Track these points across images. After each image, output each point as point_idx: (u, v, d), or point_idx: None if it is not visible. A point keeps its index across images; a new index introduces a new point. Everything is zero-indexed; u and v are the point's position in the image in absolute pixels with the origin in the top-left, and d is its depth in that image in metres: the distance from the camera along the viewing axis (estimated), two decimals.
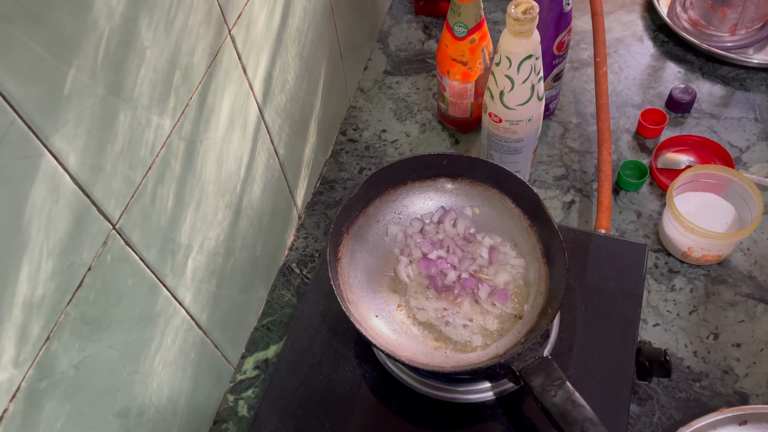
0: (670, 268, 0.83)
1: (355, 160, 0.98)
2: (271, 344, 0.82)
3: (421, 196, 0.73)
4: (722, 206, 0.83)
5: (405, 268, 0.70)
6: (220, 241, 0.70)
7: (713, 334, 0.78)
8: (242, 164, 0.71)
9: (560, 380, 0.58)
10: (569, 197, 0.90)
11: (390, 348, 0.63)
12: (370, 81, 1.07)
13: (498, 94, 0.77)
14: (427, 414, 0.67)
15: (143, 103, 0.52)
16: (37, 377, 0.47)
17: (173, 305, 0.63)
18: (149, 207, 0.56)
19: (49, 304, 0.46)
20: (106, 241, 0.51)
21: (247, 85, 0.69)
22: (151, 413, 0.63)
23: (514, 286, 0.69)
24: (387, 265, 0.72)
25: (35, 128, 0.42)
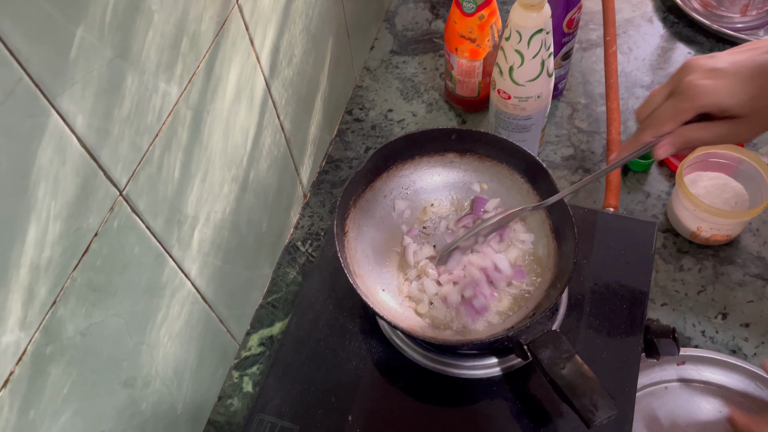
0: (678, 248, 0.83)
1: (361, 139, 0.97)
2: (276, 321, 0.82)
3: (429, 171, 0.72)
4: (732, 186, 0.82)
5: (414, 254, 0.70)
6: (226, 215, 0.69)
7: (722, 314, 0.77)
8: (249, 137, 0.71)
9: (568, 353, 0.58)
10: (577, 177, 0.90)
11: (396, 321, 0.62)
12: (376, 60, 1.06)
13: (507, 69, 0.76)
14: (434, 390, 0.67)
15: (150, 68, 0.52)
16: (44, 341, 0.46)
17: (179, 277, 0.63)
18: (156, 175, 0.55)
19: (56, 268, 0.46)
20: (113, 207, 0.51)
21: (254, 57, 0.68)
22: (157, 385, 0.63)
23: (522, 262, 0.68)
24: (394, 240, 0.71)
25: (43, 87, 0.41)
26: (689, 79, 0.52)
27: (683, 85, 0.53)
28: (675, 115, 0.53)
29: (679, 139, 0.55)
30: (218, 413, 0.75)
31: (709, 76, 0.51)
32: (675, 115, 0.53)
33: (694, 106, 0.52)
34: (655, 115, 0.55)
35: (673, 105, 0.53)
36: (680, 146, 0.55)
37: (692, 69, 0.53)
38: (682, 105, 0.53)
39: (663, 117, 0.54)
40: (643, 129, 0.56)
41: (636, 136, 0.57)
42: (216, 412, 0.75)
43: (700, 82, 0.51)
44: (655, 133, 0.55)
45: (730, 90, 0.51)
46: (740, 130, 0.53)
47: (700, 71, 0.52)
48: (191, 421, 0.71)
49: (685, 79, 0.53)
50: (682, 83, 0.53)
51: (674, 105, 0.53)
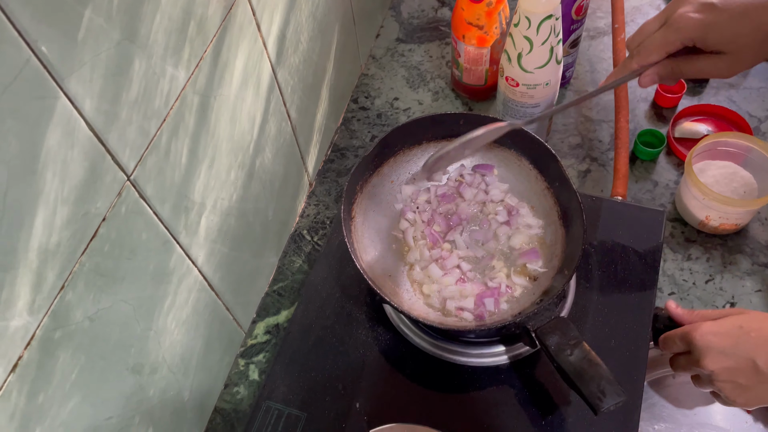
0: (686, 237, 0.82)
1: (366, 128, 0.97)
2: (282, 309, 0.82)
3: None
4: (741, 175, 0.82)
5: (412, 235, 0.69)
6: (232, 202, 0.69)
7: (730, 304, 0.77)
8: (255, 124, 0.70)
9: (576, 339, 0.58)
10: (585, 166, 0.89)
11: (403, 307, 0.62)
12: (382, 49, 1.05)
13: (516, 56, 0.75)
14: (441, 377, 0.67)
15: (158, 52, 0.51)
16: (52, 326, 0.46)
17: (186, 263, 0.62)
18: (163, 160, 0.55)
19: (64, 252, 0.46)
20: (121, 192, 0.50)
21: (261, 43, 0.67)
22: (164, 372, 0.63)
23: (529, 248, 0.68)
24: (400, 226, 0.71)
25: (51, 68, 0.41)
26: (681, 11, 0.54)
27: (674, 17, 0.54)
28: (662, 45, 0.55)
29: (664, 69, 0.57)
30: (224, 401, 0.75)
31: (700, 10, 0.53)
32: (663, 44, 0.55)
33: (682, 37, 0.54)
34: (643, 44, 0.57)
35: (661, 35, 0.55)
36: (665, 76, 0.57)
37: (685, 1, 0.54)
38: (670, 36, 0.54)
39: (651, 46, 0.56)
40: (631, 57, 0.58)
41: (624, 63, 0.59)
42: (222, 400, 0.75)
43: (691, 15, 0.53)
44: (641, 60, 0.57)
45: (719, 25, 0.53)
46: (721, 65, 0.55)
47: (692, 4, 0.54)
48: (198, 408, 0.71)
49: (677, 10, 0.54)
50: (674, 15, 0.54)
51: (663, 35, 0.55)
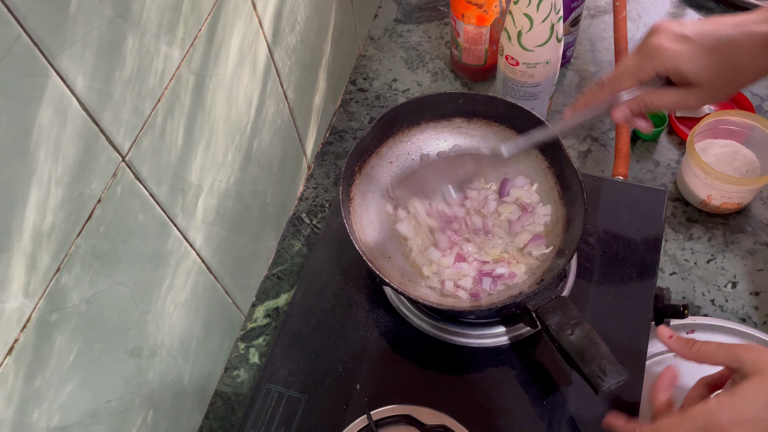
0: (688, 217, 0.82)
1: (365, 109, 0.96)
2: (282, 293, 0.81)
3: (436, 137, 0.71)
4: (743, 154, 0.81)
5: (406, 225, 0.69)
6: (230, 185, 0.68)
7: (731, 283, 0.77)
8: (252, 105, 0.69)
9: (577, 319, 0.57)
10: (585, 146, 0.88)
11: (403, 288, 0.62)
12: (380, 29, 1.04)
13: (516, 34, 0.74)
14: (442, 358, 0.67)
15: (151, 30, 0.50)
16: (48, 309, 0.46)
17: (184, 246, 0.62)
18: (159, 141, 0.54)
19: (59, 234, 0.45)
20: (116, 173, 0.50)
21: (257, 22, 0.66)
22: (164, 355, 0.62)
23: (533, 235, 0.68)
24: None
25: (41, 45, 0.40)
26: (655, 40, 0.54)
27: (648, 46, 0.54)
28: (635, 73, 0.55)
29: (635, 103, 0.56)
30: (225, 384, 0.75)
31: (674, 40, 0.53)
32: (635, 72, 0.55)
33: (654, 65, 0.54)
34: (616, 73, 0.56)
35: (634, 63, 0.55)
36: (636, 110, 0.56)
37: (660, 31, 0.54)
38: (644, 63, 0.54)
39: (624, 74, 0.56)
40: (603, 85, 0.57)
41: (595, 91, 0.58)
42: (223, 383, 0.75)
43: (664, 44, 0.53)
44: (613, 89, 0.56)
45: (690, 57, 0.52)
46: (691, 98, 0.54)
47: (666, 34, 0.53)
48: (198, 392, 0.71)
49: (651, 39, 0.54)
50: (647, 43, 0.54)
51: (636, 63, 0.55)
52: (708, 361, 0.53)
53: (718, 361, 0.52)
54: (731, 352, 0.51)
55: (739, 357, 0.50)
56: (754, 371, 0.49)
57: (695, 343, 0.54)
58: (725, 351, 0.52)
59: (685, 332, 0.73)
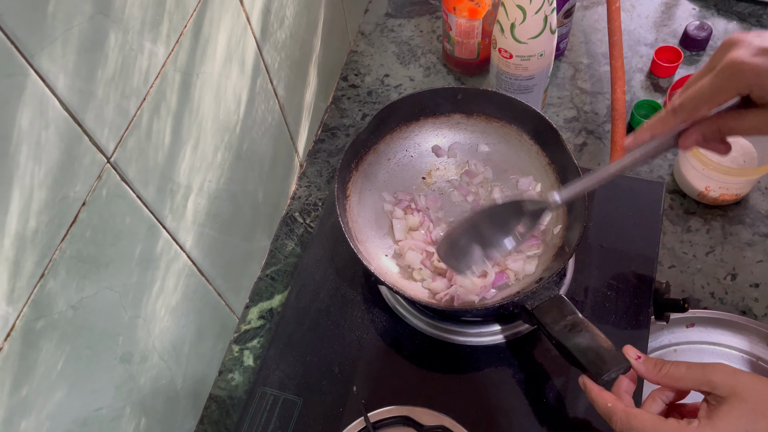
0: (686, 209, 0.81)
1: (357, 106, 0.95)
2: (276, 294, 0.80)
3: (434, 133, 0.70)
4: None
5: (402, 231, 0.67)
6: (220, 185, 0.67)
7: (731, 275, 0.76)
8: (241, 103, 0.68)
9: (573, 314, 0.56)
10: (581, 139, 0.87)
11: (399, 287, 0.61)
12: (371, 24, 1.02)
13: (509, 26, 0.73)
14: (439, 357, 0.66)
15: (135, 27, 0.49)
16: (33, 316, 0.44)
17: (174, 248, 0.60)
18: (145, 141, 0.53)
19: (43, 239, 0.44)
20: (101, 174, 0.48)
21: (245, 18, 0.65)
22: (155, 360, 0.61)
23: None
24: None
25: (18, 43, 0.39)
26: (733, 55, 0.45)
27: (726, 62, 0.45)
28: (713, 96, 0.46)
29: (709, 128, 0.48)
30: (219, 387, 0.74)
31: (758, 53, 0.44)
32: (713, 95, 0.46)
33: (737, 85, 0.45)
34: (690, 96, 0.47)
35: (711, 83, 0.46)
36: (710, 136, 0.48)
37: (737, 44, 0.45)
38: (722, 83, 0.45)
39: (699, 97, 0.47)
40: (675, 111, 0.48)
41: (665, 119, 0.49)
42: (217, 387, 0.74)
43: (747, 60, 0.44)
44: (689, 116, 0.48)
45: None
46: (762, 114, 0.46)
47: (747, 48, 0.45)
48: (192, 396, 0.70)
49: (728, 55, 0.45)
50: (725, 60, 0.45)
51: (713, 83, 0.46)
52: (678, 385, 0.50)
53: (689, 384, 0.49)
54: (703, 375, 0.48)
55: (712, 380, 0.48)
56: (731, 393, 0.46)
57: (663, 365, 0.51)
58: (696, 374, 0.49)
59: (685, 326, 0.72)
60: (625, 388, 0.53)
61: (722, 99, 0.46)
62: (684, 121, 0.48)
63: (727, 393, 0.47)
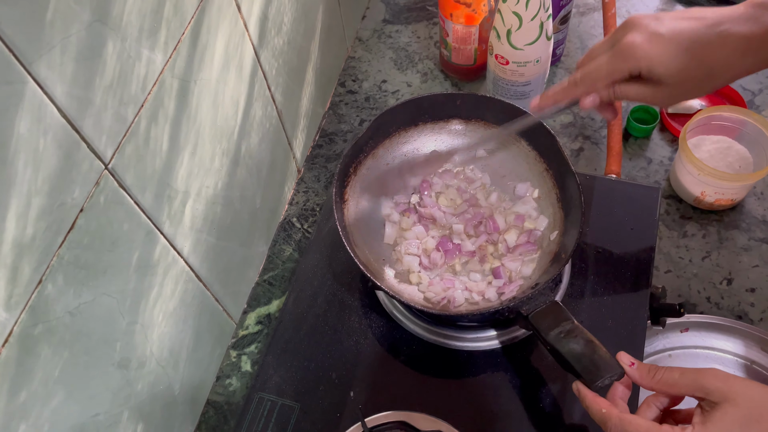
0: (681, 214, 0.81)
1: (355, 111, 0.95)
2: (274, 299, 0.80)
3: (433, 139, 0.70)
4: (736, 150, 0.81)
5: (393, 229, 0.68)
6: (218, 190, 0.67)
7: (727, 280, 0.76)
8: (239, 109, 0.68)
9: (568, 320, 0.56)
10: (577, 144, 0.88)
11: (396, 292, 0.61)
12: (368, 30, 1.03)
13: (505, 33, 0.73)
14: (436, 363, 0.66)
15: (132, 34, 0.49)
16: (31, 322, 0.45)
17: (171, 254, 0.61)
18: (143, 148, 0.53)
19: (41, 245, 0.44)
20: (99, 181, 0.49)
21: (242, 24, 0.65)
22: (152, 366, 0.61)
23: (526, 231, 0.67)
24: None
25: (17, 51, 0.39)
26: (630, 39, 0.52)
27: (623, 44, 0.53)
28: (609, 74, 0.54)
29: (605, 93, 0.56)
30: (217, 393, 0.74)
31: (649, 39, 0.51)
32: (609, 73, 0.54)
33: (629, 66, 0.53)
34: (589, 71, 0.56)
35: (609, 63, 0.54)
36: (605, 100, 0.57)
37: (634, 27, 0.53)
38: (618, 64, 0.53)
39: (597, 74, 0.55)
40: (576, 84, 0.57)
41: (568, 88, 0.58)
42: (214, 392, 0.74)
43: (639, 44, 0.52)
44: (587, 89, 0.56)
45: (664, 58, 0.51)
46: (662, 95, 0.54)
47: (641, 32, 0.52)
48: (189, 402, 0.70)
49: (626, 37, 0.53)
50: (623, 41, 0.53)
51: (610, 63, 0.54)
52: (672, 391, 0.51)
53: (682, 390, 0.50)
54: (696, 381, 0.49)
55: (705, 386, 0.48)
56: (724, 399, 0.47)
57: (657, 371, 0.51)
58: (689, 379, 0.49)
59: (679, 330, 0.72)
60: (620, 394, 0.53)
61: (617, 77, 0.54)
62: (584, 93, 0.57)
63: (720, 398, 0.47)
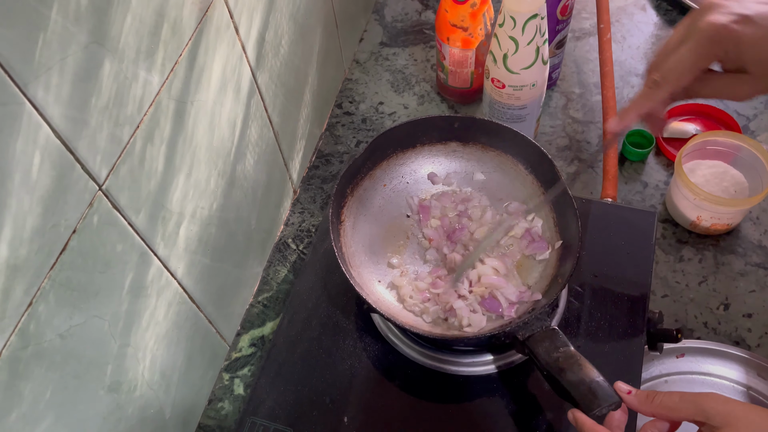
0: (678, 238, 0.81)
1: (351, 133, 0.95)
2: (268, 321, 0.79)
3: (431, 161, 0.70)
4: (731, 174, 0.81)
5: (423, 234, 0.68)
6: (213, 211, 0.67)
7: (723, 305, 0.76)
8: (236, 130, 0.68)
9: (566, 346, 0.56)
10: (573, 168, 0.88)
11: (392, 314, 0.60)
12: (365, 53, 1.03)
13: (501, 57, 0.74)
14: (432, 387, 0.65)
15: (129, 56, 0.49)
16: (20, 345, 0.44)
17: (165, 276, 0.60)
18: (138, 169, 0.53)
19: (32, 267, 0.43)
20: (92, 202, 0.48)
21: (240, 47, 0.65)
22: (144, 389, 0.60)
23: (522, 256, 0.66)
24: (392, 231, 0.69)
25: (12, 73, 0.39)
26: (710, 19, 0.43)
27: (703, 26, 0.43)
28: (696, 63, 0.45)
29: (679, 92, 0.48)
30: (208, 417, 0.73)
31: (736, 21, 0.43)
32: (696, 62, 0.44)
33: (717, 51, 0.44)
34: (671, 67, 0.46)
35: (693, 50, 0.44)
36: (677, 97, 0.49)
37: (715, 8, 0.43)
38: (703, 48, 0.44)
39: (681, 65, 0.45)
40: (658, 85, 0.47)
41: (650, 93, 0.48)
42: (206, 416, 0.73)
43: (725, 24, 0.43)
44: (673, 87, 0.46)
45: (754, 42, 0.43)
46: (744, 88, 0.46)
47: (723, 13, 0.43)
48: (180, 426, 0.69)
49: (705, 18, 0.43)
50: (703, 25, 0.43)
51: (695, 50, 0.44)
52: (672, 415, 0.50)
53: (682, 414, 0.49)
54: (696, 404, 0.48)
55: (706, 409, 0.47)
56: (725, 423, 0.46)
57: (656, 396, 0.50)
58: (689, 403, 0.49)
59: (675, 356, 0.72)
60: (616, 422, 0.53)
61: (704, 64, 0.45)
62: (669, 93, 0.47)
63: (720, 423, 0.47)
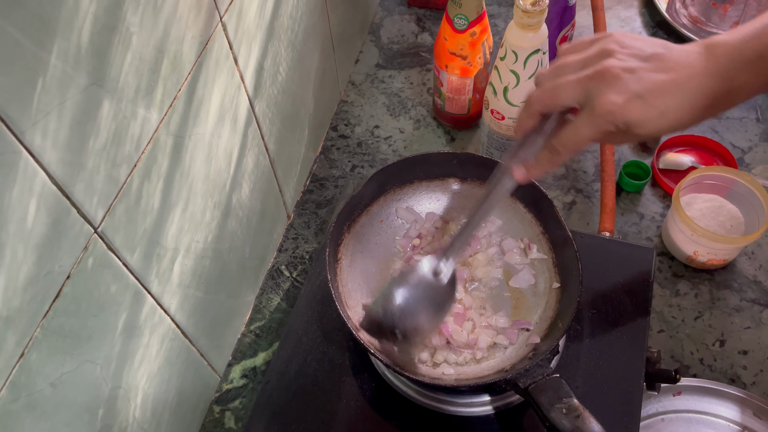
0: (674, 272, 0.81)
1: (346, 156, 0.94)
2: (260, 351, 0.78)
3: (428, 197, 0.69)
4: (727, 209, 0.81)
5: None
6: (207, 244, 0.65)
7: (719, 341, 0.76)
8: (232, 161, 0.67)
9: (568, 396, 0.55)
10: (570, 197, 0.87)
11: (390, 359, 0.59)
12: (361, 75, 1.02)
13: (502, 90, 0.73)
14: (429, 428, 0.64)
15: (129, 95, 0.47)
16: (11, 398, 0.42)
17: (158, 313, 0.58)
18: (134, 208, 0.51)
19: (24, 317, 0.42)
20: (87, 245, 0.47)
21: (239, 77, 0.64)
22: (134, 429, 0.58)
23: (521, 296, 0.66)
24: (388, 267, 0.68)
25: (9, 121, 0.37)
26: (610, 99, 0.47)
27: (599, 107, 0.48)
28: (592, 137, 0.50)
29: None
30: None
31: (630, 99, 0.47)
32: (592, 136, 0.50)
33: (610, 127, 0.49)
34: (569, 137, 0.51)
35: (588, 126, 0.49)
36: None
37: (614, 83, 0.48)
38: (600, 127, 0.49)
39: (579, 139, 0.51)
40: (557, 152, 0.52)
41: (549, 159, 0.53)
42: None
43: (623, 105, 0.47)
44: (570, 155, 0.52)
45: (644, 122, 0.48)
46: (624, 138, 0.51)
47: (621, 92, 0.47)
48: None
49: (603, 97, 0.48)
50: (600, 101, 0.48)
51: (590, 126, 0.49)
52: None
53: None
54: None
55: None
56: None
57: None
58: None
59: (671, 394, 0.71)
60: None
61: (597, 140, 0.51)
62: (564, 160, 0.53)
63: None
